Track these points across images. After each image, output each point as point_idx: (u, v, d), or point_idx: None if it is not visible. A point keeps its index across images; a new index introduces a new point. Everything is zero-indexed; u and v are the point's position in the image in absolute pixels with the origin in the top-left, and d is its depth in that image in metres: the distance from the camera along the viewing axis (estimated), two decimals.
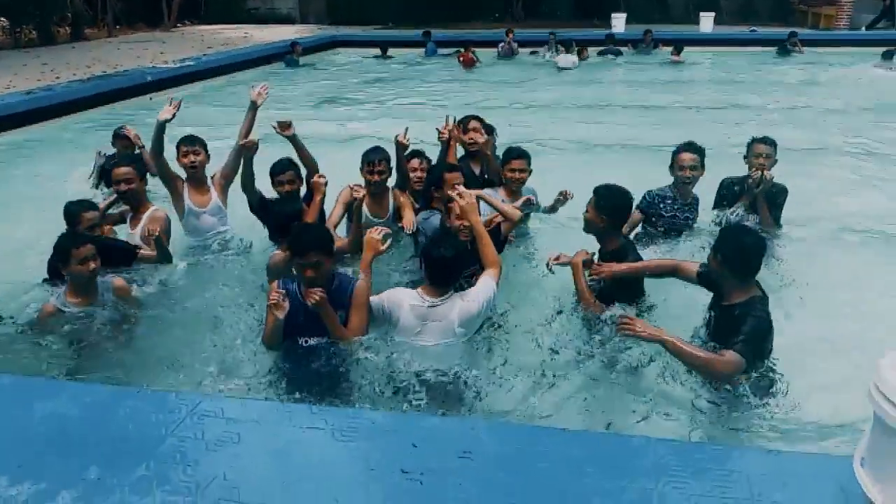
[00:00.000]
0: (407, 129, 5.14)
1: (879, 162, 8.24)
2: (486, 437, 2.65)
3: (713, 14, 20.92)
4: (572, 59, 16.01)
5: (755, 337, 3.20)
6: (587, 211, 4.06)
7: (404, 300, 3.66)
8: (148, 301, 4.41)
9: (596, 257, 4.08)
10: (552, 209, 5.22)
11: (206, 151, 5.32)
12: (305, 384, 3.50)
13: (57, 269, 4.04)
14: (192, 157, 5.22)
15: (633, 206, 4.44)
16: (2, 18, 21.05)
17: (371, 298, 3.71)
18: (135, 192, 4.92)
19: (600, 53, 17.68)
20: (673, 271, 3.93)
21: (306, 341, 3.63)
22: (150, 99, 12.66)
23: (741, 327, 3.19)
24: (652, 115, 11.11)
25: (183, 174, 5.30)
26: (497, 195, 4.95)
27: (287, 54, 17.20)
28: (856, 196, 6.94)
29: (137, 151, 6.59)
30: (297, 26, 26.37)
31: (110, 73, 13.89)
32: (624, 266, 3.92)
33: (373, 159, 4.95)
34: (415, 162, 5.37)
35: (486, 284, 3.72)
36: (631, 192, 4.12)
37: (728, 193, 5.32)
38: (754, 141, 5.25)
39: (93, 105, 11.69)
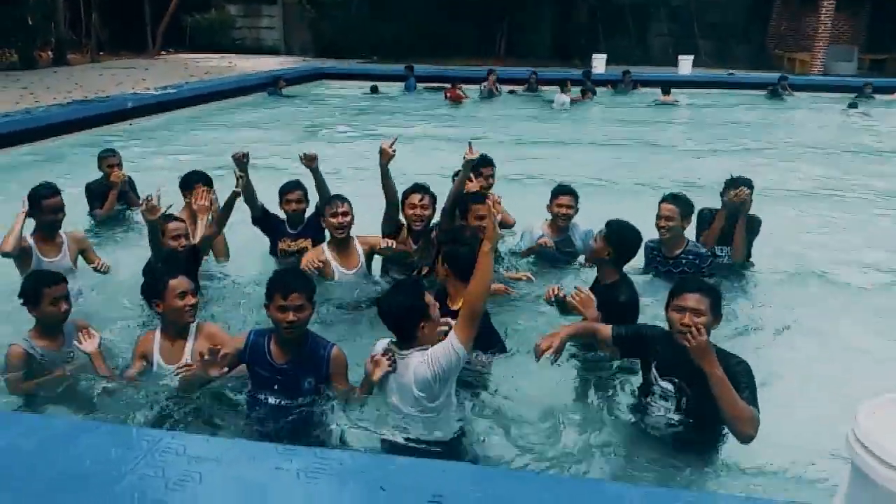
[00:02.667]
0: (395, 138, 4.84)
1: (854, 204, 8.38)
2: (458, 481, 2.57)
3: (692, 57, 21.36)
4: (563, 98, 16.15)
5: (753, 383, 3.03)
6: (595, 240, 4.06)
7: (378, 348, 3.33)
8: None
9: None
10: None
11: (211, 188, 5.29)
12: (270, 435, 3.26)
13: (154, 291, 3.80)
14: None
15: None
16: None
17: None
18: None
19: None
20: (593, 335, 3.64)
21: (277, 401, 3.35)
22: (130, 125, 12.61)
23: (740, 380, 2.96)
24: (635, 154, 11.23)
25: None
26: (537, 232, 5.18)
27: (271, 86, 17.23)
28: (828, 237, 7.01)
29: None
30: (282, 57, 26.49)
31: (91, 99, 13.81)
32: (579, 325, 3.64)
33: (334, 201, 4.73)
34: (415, 197, 4.76)
35: (446, 348, 3.02)
36: (641, 234, 4.11)
37: (705, 223, 5.29)
38: (732, 180, 5.22)
39: (72, 130, 11.56)
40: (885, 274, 5.98)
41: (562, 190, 5.27)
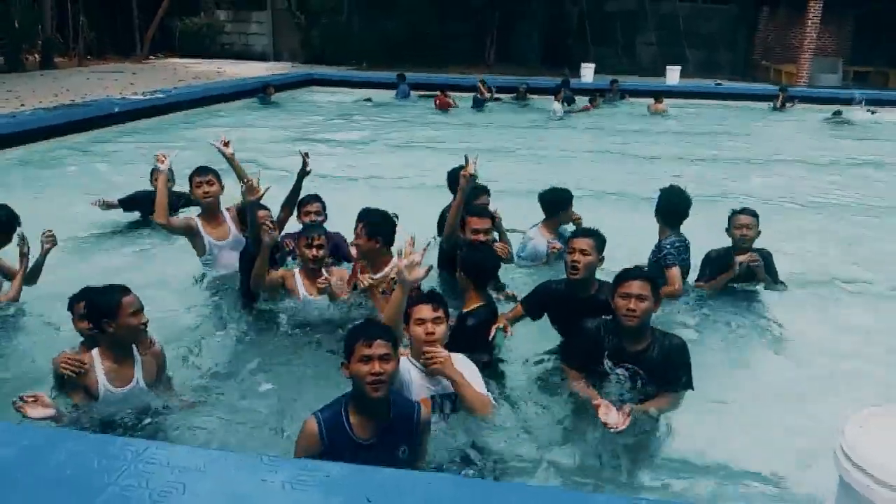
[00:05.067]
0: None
1: (849, 214, 8.42)
2: (444, 492, 2.55)
3: (679, 67, 21.52)
4: (556, 106, 16.20)
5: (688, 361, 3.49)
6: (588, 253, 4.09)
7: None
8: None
9: None
10: None
11: (220, 182, 5.14)
12: None
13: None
14: (205, 188, 5.05)
15: None
16: None
17: None
18: None
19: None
20: None
21: None
22: (118, 129, 12.53)
23: (673, 358, 3.44)
24: (626, 165, 11.28)
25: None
26: (538, 240, 5.28)
27: (260, 92, 17.19)
28: (823, 247, 7.04)
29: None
30: (271, 63, 26.44)
31: (78, 103, 13.71)
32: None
33: (311, 234, 4.49)
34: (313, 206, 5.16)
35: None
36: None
37: (712, 268, 5.15)
38: (735, 213, 5.15)
39: (58, 134, 11.47)
40: (877, 286, 6.00)
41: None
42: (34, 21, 21.74)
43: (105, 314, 3.37)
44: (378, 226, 4.31)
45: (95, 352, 3.49)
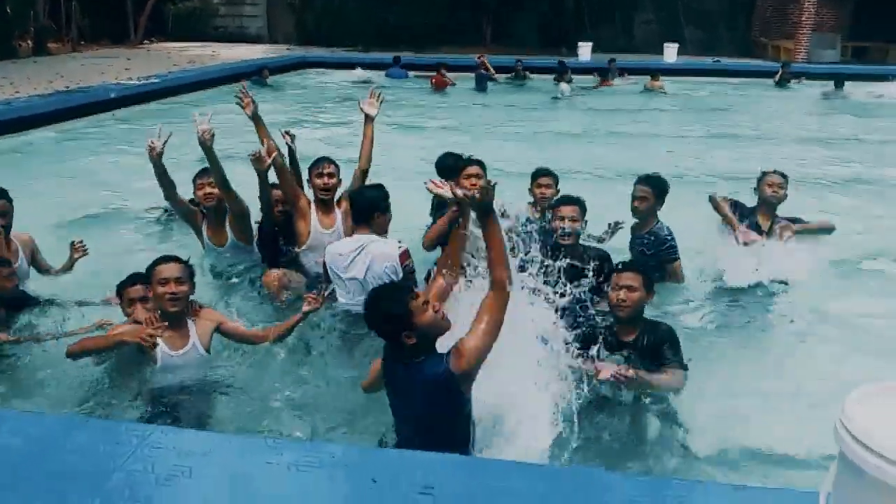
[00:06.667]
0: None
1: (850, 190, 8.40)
2: (449, 473, 2.57)
3: (677, 45, 21.38)
4: (563, 87, 16.14)
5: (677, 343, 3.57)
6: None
7: None
8: None
9: None
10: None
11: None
12: None
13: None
14: (207, 190, 4.83)
15: None
16: None
17: None
18: None
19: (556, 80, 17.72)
20: None
21: None
22: (114, 115, 12.47)
23: (664, 338, 3.55)
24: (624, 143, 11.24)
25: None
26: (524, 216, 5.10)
27: (255, 75, 17.07)
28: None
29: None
30: (266, 46, 26.26)
31: (72, 89, 13.64)
32: None
33: (321, 163, 4.73)
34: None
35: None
36: None
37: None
38: (766, 173, 5.21)
39: (54, 121, 11.42)
40: (886, 260, 5.94)
41: (542, 172, 5.37)
42: (26, 7, 21.56)
43: (145, 278, 3.69)
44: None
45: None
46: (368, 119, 5.09)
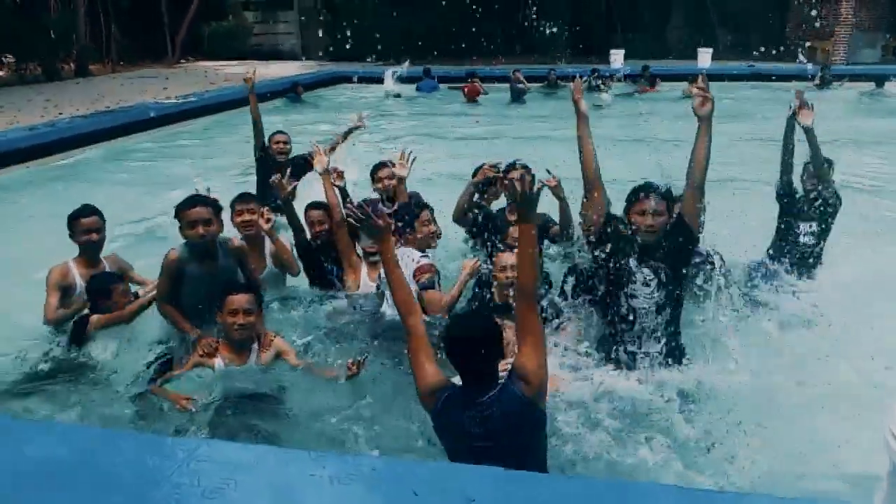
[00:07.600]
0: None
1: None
2: (490, 485, 2.57)
3: (711, 49, 21.14)
4: (605, 97, 16.07)
5: None
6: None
7: None
8: None
9: None
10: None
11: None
12: None
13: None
14: (246, 217, 4.71)
15: None
16: (8, 55, 21.26)
17: None
18: None
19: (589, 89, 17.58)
20: None
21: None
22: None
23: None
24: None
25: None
26: None
27: (289, 91, 17.31)
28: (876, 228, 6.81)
29: None
30: (301, 62, 26.62)
31: (113, 109, 13.98)
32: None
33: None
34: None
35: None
36: None
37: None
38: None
39: (95, 141, 11.71)
40: None
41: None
42: (69, 30, 22.19)
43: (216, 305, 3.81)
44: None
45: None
46: (401, 181, 5.08)
